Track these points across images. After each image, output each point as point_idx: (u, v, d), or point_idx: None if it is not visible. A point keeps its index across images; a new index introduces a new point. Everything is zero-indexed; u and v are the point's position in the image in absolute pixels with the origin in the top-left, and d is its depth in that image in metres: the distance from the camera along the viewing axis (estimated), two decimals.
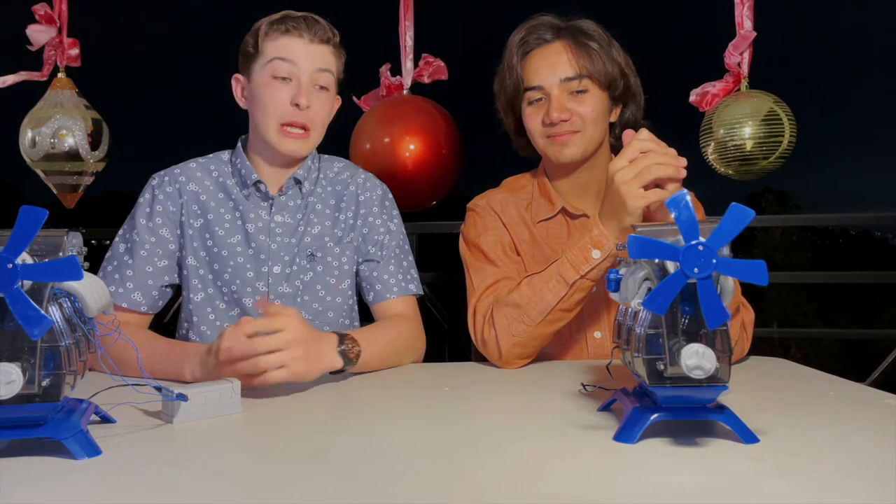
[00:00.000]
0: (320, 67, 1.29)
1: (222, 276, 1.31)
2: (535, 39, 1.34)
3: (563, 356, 1.34)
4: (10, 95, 2.57)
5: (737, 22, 2.07)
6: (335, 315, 1.36)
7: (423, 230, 2.37)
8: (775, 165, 2.07)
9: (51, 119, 2.29)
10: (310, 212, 1.36)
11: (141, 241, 1.30)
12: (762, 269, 0.71)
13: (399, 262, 1.39)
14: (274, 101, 1.27)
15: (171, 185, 1.34)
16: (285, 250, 1.33)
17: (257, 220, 1.33)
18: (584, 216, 1.37)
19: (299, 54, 1.27)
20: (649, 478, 0.68)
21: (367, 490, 0.66)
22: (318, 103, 1.30)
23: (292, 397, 1.04)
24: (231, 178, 1.36)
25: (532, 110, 1.34)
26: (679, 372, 0.74)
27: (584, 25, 1.34)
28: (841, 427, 0.84)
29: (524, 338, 1.22)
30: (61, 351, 0.73)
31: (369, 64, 2.28)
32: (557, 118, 1.29)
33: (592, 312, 1.33)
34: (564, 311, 1.21)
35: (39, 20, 2.29)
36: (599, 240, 1.14)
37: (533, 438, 0.82)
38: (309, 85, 1.28)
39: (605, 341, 1.33)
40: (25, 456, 0.74)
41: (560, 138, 1.31)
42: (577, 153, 1.32)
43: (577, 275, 1.16)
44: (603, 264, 1.16)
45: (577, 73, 1.29)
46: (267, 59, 1.28)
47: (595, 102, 1.31)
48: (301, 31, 1.28)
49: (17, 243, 0.68)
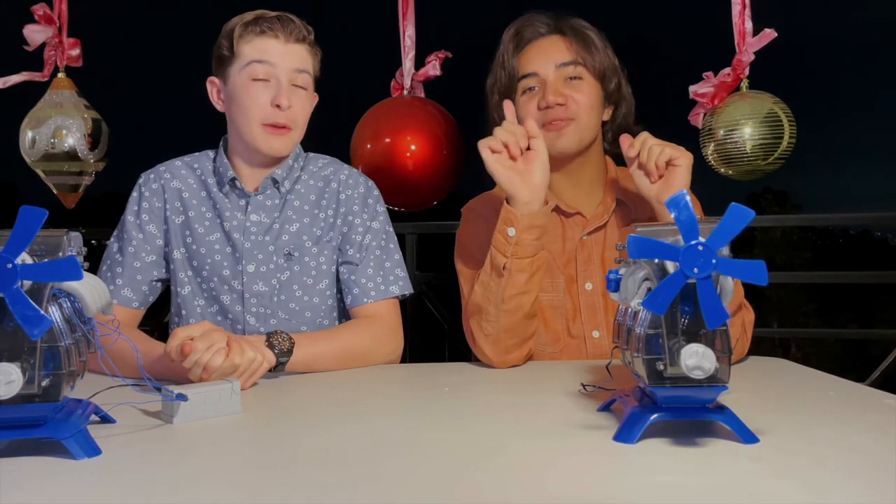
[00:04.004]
0: (298, 68, 1.30)
1: (201, 273, 1.33)
2: (530, 33, 1.36)
3: (561, 356, 1.34)
4: (11, 95, 2.57)
5: (735, 22, 2.07)
6: (313, 315, 1.35)
7: (424, 230, 2.36)
8: (775, 166, 2.07)
9: (49, 119, 2.29)
10: (288, 208, 1.36)
11: (129, 237, 1.34)
12: (762, 269, 0.71)
13: (380, 263, 1.37)
14: (254, 103, 1.28)
15: (157, 181, 1.37)
16: (259, 249, 1.33)
17: (232, 218, 1.34)
18: (578, 214, 1.38)
19: (276, 56, 1.28)
20: (649, 478, 0.68)
21: (367, 490, 0.66)
22: (298, 102, 1.31)
23: (292, 397, 1.05)
24: (212, 177, 1.38)
25: (526, 98, 1.34)
26: (679, 372, 0.74)
27: (578, 22, 1.36)
28: (841, 427, 0.84)
29: (496, 334, 1.24)
30: (61, 351, 0.73)
31: (370, 64, 2.28)
32: (553, 101, 1.30)
33: (591, 312, 1.34)
34: (519, 295, 1.22)
35: (39, 20, 2.29)
36: (507, 217, 1.20)
37: (533, 438, 0.82)
38: (288, 85, 1.29)
39: (604, 340, 1.33)
40: (25, 456, 0.74)
41: (555, 125, 1.31)
42: (573, 143, 1.32)
43: (505, 257, 1.20)
44: (524, 238, 1.19)
45: (573, 59, 1.32)
46: (244, 62, 1.28)
47: (590, 90, 1.32)
48: (277, 32, 1.28)
49: (17, 243, 0.68)
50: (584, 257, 1.36)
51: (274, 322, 1.32)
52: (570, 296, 1.35)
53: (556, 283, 1.35)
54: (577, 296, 1.35)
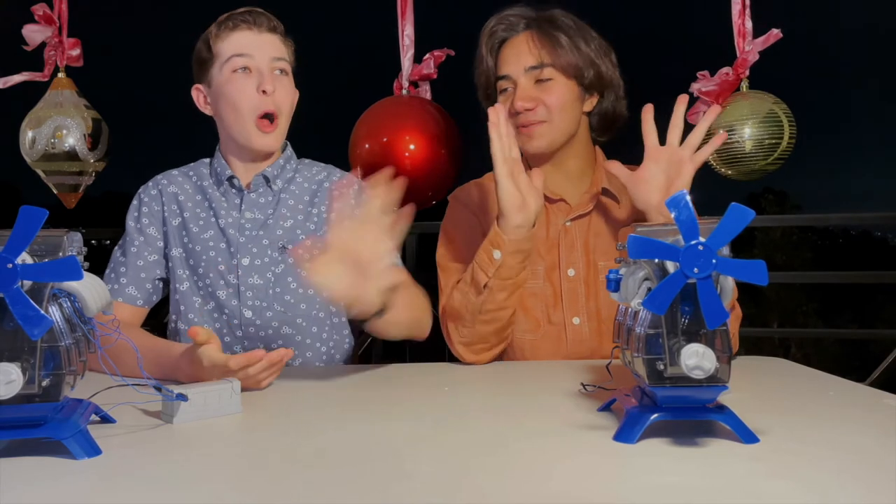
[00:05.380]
0: (275, 56, 1.34)
1: (197, 271, 1.35)
2: (504, 30, 1.36)
3: (541, 343, 1.35)
4: (11, 95, 2.57)
5: (735, 22, 2.07)
6: (308, 307, 1.36)
7: (424, 230, 2.36)
8: (775, 166, 2.07)
9: (49, 119, 2.29)
10: (282, 206, 1.39)
11: (131, 240, 1.38)
12: (762, 269, 0.71)
13: None
14: (242, 93, 1.31)
15: (155, 188, 1.42)
16: (254, 242, 1.35)
17: (228, 215, 1.37)
18: (562, 201, 1.38)
19: (254, 46, 1.32)
20: (649, 478, 0.68)
21: (367, 490, 0.66)
22: (281, 88, 1.34)
23: (292, 397, 1.05)
24: (208, 179, 1.42)
25: (503, 99, 1.35)
26: (679, 372, 0.74)
27: (554, 15, 1.34)
28: (841, 427, 0.84)
29: (471, 339, 1.26)
30: (61, 351, 0.73)
31: (370, 64, 2.28)
32: (521, 107, 1.30)
33: (572, 298, 1.34)
34: (497, 310, 1.24)
35: (38, 20, 2.29)
36: (495, 239, 1.21)
37: (532, 438, 0.82)
38: (270, 72, 1.32)
39: (584, 327, 1.33)
40: (25, 456, 0.74)
41: (527, 130, 1.31)
42: (544, 144, 1.32)
43: (487, 276, 1.22)
44: (508, 261, 1.20)
45: (539, 62, 1.30)
46: (224, 58, 1.32)
47: (561, 91, 1.31)
48: (249, 24, 1.32)
49: (17, 243, 0.68)
50: (567, 243, 1.36)
51: (270, 315, 1.33)
52: (551, 282, 1.35)
53: (535, 271, 1.35)
54: (558, 282, 1.35)
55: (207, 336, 1.02)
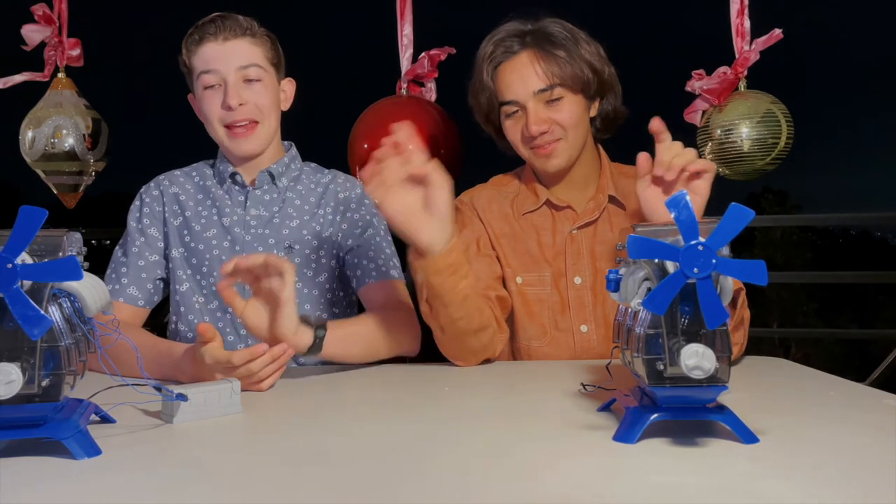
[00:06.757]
0: (242, 64, 1.32)
1: (200, 270, 1.36)
2: (503, 53, 1.32)
3: (548, 349, 1.35)
4: (11, 95, 2.57)
5: (734, 22, 2.07)
6: (312, 308, 1.37)
7: None
8: (772, 166, 2.08)
9: (49, 119, 2.29)
10: (287, 206, 1.39)
11: (132, 240, 1.38)
12: (762, 269, 0.71)
13: (380, 249, 1.40)
14: (211, 110, 1.33)
15: (156, 189, 1.43)
16: (260, 241, 1.36)
17: (233, 213, 1.38)
18: (568, 208, 1.38)
19: (217, 60, 1.31)
20: (649, 478, 0.68)
21: (366, 490, 0.66)
22: (252, 96, 1.33)
23: (292, 397, 1.05)
24: (212, 179, 1.43)
25: (511, 123, 1.34)
26: (679, 372, 0.74)
27: (550, 28, 1.31)
28: (841, 427, 0.84)
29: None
30: (61, 351, 0.73)
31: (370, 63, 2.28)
32: (537, 131, 1.29)
33: (580, 306, 1.34)
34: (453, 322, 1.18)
35: (38, 20, 2.29)
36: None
37: (533, 438, 0.82)
38: (236, 84, 1.31)
39: (592, 335, 1.34)
40: (25, 456, 0.74)
41: (543, 150, 1.31)
42: (563, 162, 1.32)
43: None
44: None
45: (549, 84, 1.28)
46: (195, 74, 1.34)
47: (572, 108, 1.30)
48: (213, 34, 1.32)
49: (17, 243, 0.68)
50: (573, 251, 1.36)
51: None
52: (558, 289, 1.35)
53: (542, 277, 1.35)
54: (565, 290, 1.35)
55: (214, 334, 1.02)
